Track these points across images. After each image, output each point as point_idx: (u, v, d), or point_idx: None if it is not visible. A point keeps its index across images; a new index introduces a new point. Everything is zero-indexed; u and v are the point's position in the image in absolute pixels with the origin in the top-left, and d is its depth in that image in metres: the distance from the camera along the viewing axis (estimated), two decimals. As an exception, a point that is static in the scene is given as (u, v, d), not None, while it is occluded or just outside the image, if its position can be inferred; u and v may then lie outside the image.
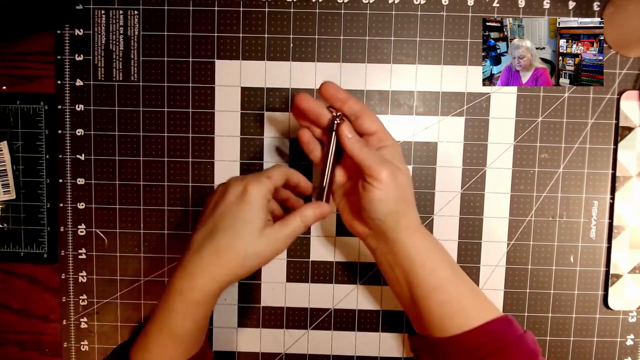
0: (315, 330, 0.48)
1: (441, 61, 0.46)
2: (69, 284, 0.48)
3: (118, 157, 0.47)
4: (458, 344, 0.35)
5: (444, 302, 0.36)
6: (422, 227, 0.38)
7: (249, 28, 0.46)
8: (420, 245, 0.37)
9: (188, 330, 0.35)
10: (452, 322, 0.36)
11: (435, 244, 0.38)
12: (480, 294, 0.38)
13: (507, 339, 0.35)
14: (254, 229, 0.34)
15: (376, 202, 0.35)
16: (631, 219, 0.46)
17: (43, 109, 0.47)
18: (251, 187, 0.34)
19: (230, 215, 0.34)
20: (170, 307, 0.34)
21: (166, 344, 0.35)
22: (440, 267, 0.37)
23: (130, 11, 0.46)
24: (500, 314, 0.37)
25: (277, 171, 0.37)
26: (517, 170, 0.46)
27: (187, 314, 0.34)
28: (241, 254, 0.33)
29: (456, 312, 0.36)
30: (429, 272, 0.36)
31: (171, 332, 0.35)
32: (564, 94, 0.46)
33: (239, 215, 0.34)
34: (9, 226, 0.48)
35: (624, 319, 0.47)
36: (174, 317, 0.34)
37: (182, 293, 0.34)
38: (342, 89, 0.38)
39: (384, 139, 0.38)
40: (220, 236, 0.34)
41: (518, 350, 0.35)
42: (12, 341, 0.49)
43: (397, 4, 0.45)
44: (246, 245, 0.33)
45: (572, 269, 0.47)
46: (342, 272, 0.47)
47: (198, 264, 0.34)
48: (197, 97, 0.46)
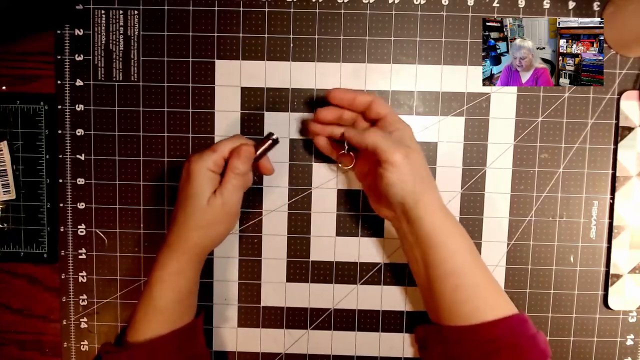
0: (315, 330, 0.48)
1: (441, 61, 0.46)
2: (69, 284, 0.48)
3: (118, 157, 0.47)
4: (474, 335, 0.35)
5: (458, 286, 0.36)
6: (444, 207, 0.39)
7: (249, 28, 0.46)
8: (440, 225, 0.37)
9: (168, 301, 0.38)
10: (463, 308, 0.36)
11: (456, 226, 0.38)
12: (497, 286, 0.38)
13: (521, 336, 0.35)
14: (200, 202, 0.37)
15: (393, 186, 0.36)
16: (631, 219, 0.46)
17: (43, 109, 0.47)
18: (193, 165, 0.37)
19: (182, 194, 0.38)
20: (151, 281, 0.38)
21: (149, 317, 0.38)
22: (459, 251, 0.37)
23: (130, 11, 0.46)
24: (515, 310, 0.37)
25: (224, 143, 0.38)
26: (517, 170, 0.46)
27: (164, 284, 0.38)
28: (196, 226, 0.38)
29: (469, 299, 0.36)
30: (447, 255, 0.37)
31: (152, 304, 0.38)
32: (564, 94, 0.46)
33: (186, 192, 0.38)
34: (9, 226, 0.48)
35: (624, 319, 0.47)
36: (154, 289, 0.38)
37: (161, 267, 0.38)
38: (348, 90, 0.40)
39: (395, 122, 0.40)
40: (178, 214, 0.38)
41: (531, 348, 0.35)
42: (12, 341, 0.49)
43: (397, 4, 0.45)
44: (197, 218, 0.37)
45: (572, 269, 0.47)
46: (342, 272, 0.47)
47: (170, 240, 0.39)
48: (197, 97, 0.46)
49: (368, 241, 0.47)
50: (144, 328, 0.38)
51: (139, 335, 0.38)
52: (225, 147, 0.38)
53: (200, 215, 0.37)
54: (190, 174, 0.37)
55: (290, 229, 0.47)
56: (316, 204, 0.47)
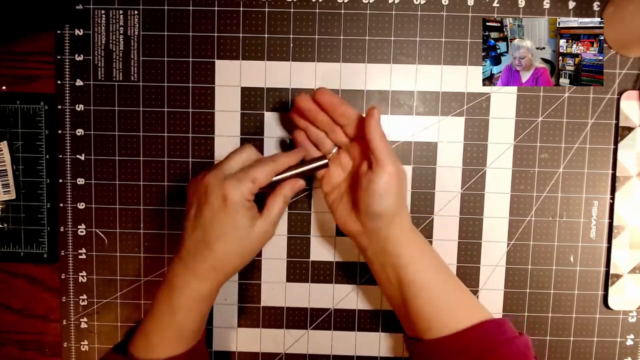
0: (315, 330, 0.48)
1: (441, 61, 0.46)
2: (69, 284, 0.48)
3: (118, 157, 0.47)
4: (447, 345, 0.35)
5: (432, 300, 0.37)
6: (414, 228, 0.39)
7: (249, 28, 0.46)
8: (411, 244, 0.38)
9: (194, 326, 0.37)
10: (439, 321, 0.36)
11: (425, 244, 0.39)
12: (470, 295, 0.38)
13: (496, 341, 0.35)
14: (244, 232, 0.36)
15: (378, 195, 0.36)
16: (631, 219, 0.46)
17: (43, 109, 0.47)
18: (231, 194, 0.34)
19: (219, 223, 0.35)
20: (176, 305, 0.36)
21: (168, 340, 0.37)
22: (430, 267, 0.38)
23: (130, 11, 0.46)
24: (491, 316, 0.37)
25: (263, 171, 0.36)
26: (517, 170, 0.46)
27: (192, 312, 0.37)
28: (239, 256, 0.37)
29: (444, 311, 0.37)
30: (419, 271, 0.37)
31: (176, 329, 0.37)
32: (564, 94, 0.46)
33: (227, 222, 0.35)
34: (9, 226, 0.48)
35: (624, 319, 0.47)
36: (179, 316, 0.36)
37: (185, 292, 0.36)
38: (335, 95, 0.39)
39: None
40: (214, 244, 0.35)
41: (507, 352, 0.35)
42: (12, 341, 0.49)
43: (397, 4, 0.45)
44: (240, 247, 0.36)
45: (572, 269, 0.47)
46: (342, 272, 0.47)
47: (198, 269, 0.36)
48: (197, 97, 0.46)
49: (368, 241, 0.47)
50: (161, 349, 0.37)
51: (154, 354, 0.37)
52: (264, 177, 0.36)
53: (244, 243, 0.36)
54: (229, 204, 0.35)
55: (290, 229, 0.47)
56: (316, 204, 0.47)
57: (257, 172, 0.36)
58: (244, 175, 0.35)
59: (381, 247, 0.38)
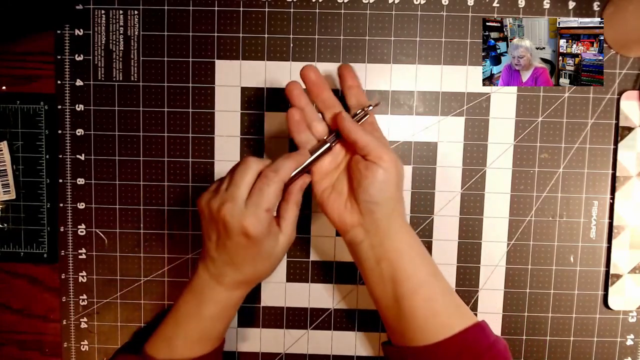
0: (315, 330, 0.48)
1: (441, 61, 0.46)
2: (69, 284, 0.48)
3: (118, 157, 0.47)
4: (435, 354, 0.35)
5: (431, 298, 0.36)
6: (408, 224, 0.38)
7: (249, 28, 0.46)
8: (408, 238, 0.37)
9: (219, 331, 0.39)
10: (435, 321, 0.35)
11: (418, 240, 0.38)
12: (458, 297, 0.38)
13: (482, 346, 0.35)
14: (270, 252, 0.36)
15: (379, 183, 0.35)
16: (631, 219, 0.46)
17: (43, 109, 0.47)
18: (253, 230, 0.34)
19: (245, 253, 0.35)
20: (205, 313, 0.38)
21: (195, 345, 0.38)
22: (425, 264, 0.37)
23: (130, 11, 0.46)
24: (475, 319, 0.36)
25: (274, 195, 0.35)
26: (517, 170, 0.46)
27: (219, 318, 0.38)
28: (268, 269, 0.38)
29: (440, 310, 0.36)
30: (416, 267, 0.36)
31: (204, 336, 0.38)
32: (564, 94, 0.46)
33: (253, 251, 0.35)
34: (9, 226, 0.48)
35: (624, 319, 0.47)
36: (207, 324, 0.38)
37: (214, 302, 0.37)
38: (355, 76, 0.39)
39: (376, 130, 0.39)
40: (242, 267, 0.36)
41: (492, 357, 0.34)
42: (12, 341, 0.49)
43: (397, 4, 0.45)
44: (268, 263, 0.37)
45: (572, 269, 0.47)
46: (342, 272, 0.47)
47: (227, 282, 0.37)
48: (197, 97, 0.46)
49: (368, 241, 0.47)
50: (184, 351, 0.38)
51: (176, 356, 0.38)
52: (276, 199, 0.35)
53: (272, 259, 0.37)
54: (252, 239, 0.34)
55: (290, 229, 0.47)
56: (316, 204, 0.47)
57: (270, 198, 0.34)
58: (258, 208, 0.34)
59: (380, 240, 0.36)
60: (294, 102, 0.39)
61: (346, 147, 0.39)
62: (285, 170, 0.35)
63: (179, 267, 0.47)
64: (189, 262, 0.47)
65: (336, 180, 0.39)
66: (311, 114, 0.39)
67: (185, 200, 0.47)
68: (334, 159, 0.39)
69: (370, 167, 0.35)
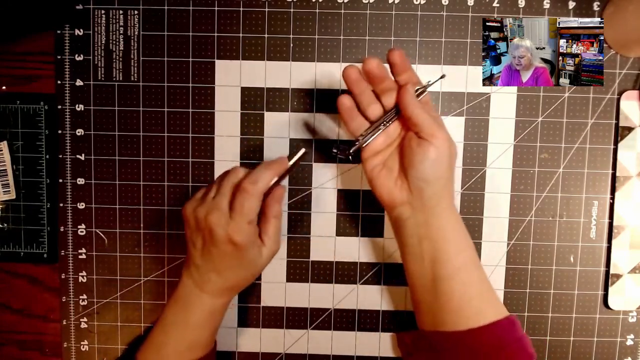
0: (315, 330, 0.48)
1: (441, 61, 0.46)
2: (69, 284, 0.48)
3: (118, 157, 0.47)
4: (465, 340, 0.35)
5: (468, 283, 0.36)
6: (455, 206, 0.38)
7: (249, 28, 0.46)
8: (453, 220, 0.37)
9: (206, 338, 0.39)
10: (470, 307, 0.35)
11: (462, 224, 0.38)
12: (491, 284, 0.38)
13: (509, 339, 0.35)
14: (254, 261, 0.37)
15: (430, 160, 0.35)
16: (631, 219, 0.46)
17: (43, 109, 0.47)
18: (239, 239, 0.35)
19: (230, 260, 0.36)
20: (191, 320, 0.38)
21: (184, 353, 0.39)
22: (467, 248, 0.37)
23: (130, 11, 0.46)
24: (506, 312, 0.37)
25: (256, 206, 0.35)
26: (517, 170, 0.46)
27: (205, 325, 0.39)
28: (251, 277, 0.39)
29: (475, 296, 0.36)
30: (457, 250, 0.36)
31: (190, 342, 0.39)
32: (564, 94, 0.46)
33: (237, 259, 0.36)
34: (9, 226, 0.48)
35: (624, 319, 0.47)
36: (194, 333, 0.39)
37: (200, 309, 0.38)
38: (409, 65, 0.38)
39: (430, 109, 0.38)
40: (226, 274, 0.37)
41: (518, 350, 0.35)
42: (12, 341, 0.49)
43: (397, 4, 0.45)
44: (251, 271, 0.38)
45: (572, 269, 0.47)
46: (342, 272, 0.47)
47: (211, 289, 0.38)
48: (197, 97, 0.46)
49: (368, 241, 0.47)
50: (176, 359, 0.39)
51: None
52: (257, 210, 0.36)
53: (255, 268, 0.38)
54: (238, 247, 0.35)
55: (290, 229, 0.47)
56: (316, 204, 0.47)
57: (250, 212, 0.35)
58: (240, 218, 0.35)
59: (425, 218, 0.36)
60: (352, 88, 0.38)
61: (401, 125, 0.38)
62: (264, 181, 0.35)
63: (179, 267, 0.47)
64: (189, 262, 0.47)
65: (388, 158, 0.38)
66: (369, 98, 0.38)
67: (185, 200, 0.47)
68: (387, 137, 0.39)
69: (422, 145, 0.35)
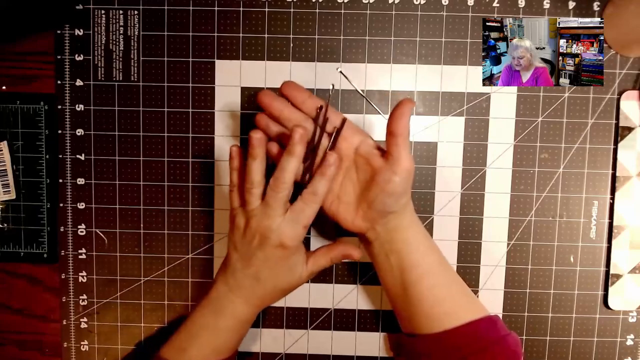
0: (315, 330, 0.48)
1: (441, 61, 0.46)
2: (69, 284, 0.48)
3: (118, 157, 0.47)
4: (441, 343, 0.36)
5: (435, 285, 0.37)
6: (415, 215, 0.40)
7: (249, 28, 0.46)
8: (416, 230, 0.38)
9: (232, 345, 0.40)
10: (441, 308, 0.37)
11: (424, 231, 0.40)
12: (467, 289, 0.39)
13: (489, 339, 0.35)
14: (295, 272, 0.38)
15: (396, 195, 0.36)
16: (631, 219, 0.46)
17: (43, 109, 0.47)
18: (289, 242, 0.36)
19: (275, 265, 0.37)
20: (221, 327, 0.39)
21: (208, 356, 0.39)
22: (431, 252, 0.39)
23: (130, 11, 0.46)
24: (486, 312, 0.37)
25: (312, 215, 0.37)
26: (517, 170, 0.46)
27: (234, 332, 0.40)
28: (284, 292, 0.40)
29: (445, 297, 0.37)
30: (422, 256, 0.38)
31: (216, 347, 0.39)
32: (564, 94, 0.46)
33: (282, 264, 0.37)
34: (9, 226, 0.48)
35: (624, 319, 0.47)
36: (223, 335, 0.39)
37: (233, 316, 0.39)
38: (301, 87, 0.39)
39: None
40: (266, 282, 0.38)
41: (500, 351, 0.35)
42: (12, 341, 0.49)
43: (397, 4, 0.45)
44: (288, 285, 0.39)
45: (572, 269, 0.47)
46: (342, 272, 0.47)
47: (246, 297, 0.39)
48: (197, 97, 0.46)
49: (368, 241, 0.47)
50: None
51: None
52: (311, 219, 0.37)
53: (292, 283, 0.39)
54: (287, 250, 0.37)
55: (290, 229, 0.47)
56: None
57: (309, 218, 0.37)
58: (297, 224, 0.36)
59: (391, 236, 0.38)
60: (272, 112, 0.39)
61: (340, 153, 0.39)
62: (323, 190, 0.36)
63: (179, 267, 0.47)
64: (189, 262, 0.47)
65: (340, 191, 0.39)
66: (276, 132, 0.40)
67: (185, 200, 0.47)
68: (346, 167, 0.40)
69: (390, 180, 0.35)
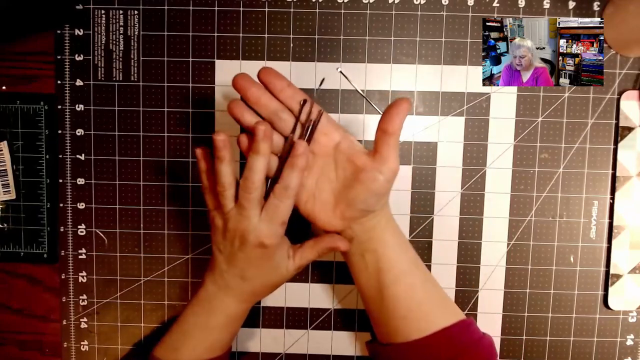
0: (315, 330, 0.48)
1: (441, 61, 0.46)
2: (69, 284, 0.48)
3: (118, 157, 0.47)
4: (417, 350, 0.35)
5: (412, 286, 0.37)
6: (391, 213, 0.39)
7: (249, 28, 0.46)
8: (392, 230, 0.38)
9: (224, 342, 0.40)
10: (417, 313, 0.36)
11: (399, 230, 0.39)
12: (443, 291, 0.39)
13: (464, 344, 0.35)
14: (281, 268, 0.38)
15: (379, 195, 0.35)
16: (631, 219, 0.46)
17: (43, 109, 0.47)
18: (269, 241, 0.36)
19: (258, 264, 0.37)
20: (213, 324, 0.39)
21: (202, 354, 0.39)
22: (407, 252, 0.38)
23: (130, 11, 0.46)
24: (460, 314, 0.37)
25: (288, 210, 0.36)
26: (517, 170, 0.46)
27: (226, 329, 0.39)
28: (273, 287, 0.39)
29: (422, 300, 0.36)
30: (399, 256, 0.37)
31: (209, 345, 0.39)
32: (564, 94, 0.46)
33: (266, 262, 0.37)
34: (9, 226, 0.48)
35: (624, 319, 0.47)
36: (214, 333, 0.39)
37: (223, 313, 0.38)
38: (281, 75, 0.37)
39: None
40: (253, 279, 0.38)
41: (475, 354, 0.35)
42: (12, 341, 0.49)
43: (397, 4, 0.45)
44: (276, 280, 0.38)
45: (572, 269, 0.47)
46: (342, 272, 0.47)
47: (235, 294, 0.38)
48: (197, 97, 0.46)
49: (368, 241, 0.47)
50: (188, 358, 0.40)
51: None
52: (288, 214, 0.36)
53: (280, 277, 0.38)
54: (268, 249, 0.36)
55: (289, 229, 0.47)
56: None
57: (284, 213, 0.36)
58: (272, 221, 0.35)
59: (369, 235, 0.37)
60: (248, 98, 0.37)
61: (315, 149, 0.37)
62: (295, 183, 0.35)
63: (179, 267, 0.47)
64: (189, 262, 0.47)
65: (316, 189, 0.37)
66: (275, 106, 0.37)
67: (185, 200, 0.47)
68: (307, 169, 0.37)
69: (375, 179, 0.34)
